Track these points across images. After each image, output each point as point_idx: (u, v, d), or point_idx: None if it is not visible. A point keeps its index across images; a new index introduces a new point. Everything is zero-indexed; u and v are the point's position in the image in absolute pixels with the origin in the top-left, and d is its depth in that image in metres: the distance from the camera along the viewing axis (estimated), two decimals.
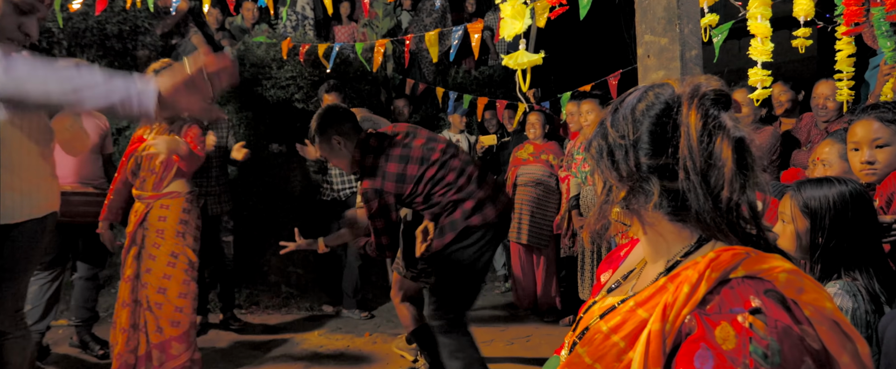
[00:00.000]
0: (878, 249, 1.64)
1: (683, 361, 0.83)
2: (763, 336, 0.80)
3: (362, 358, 3.82)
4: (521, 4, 2.00)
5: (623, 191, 0.96)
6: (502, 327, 4.48)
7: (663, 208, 0.94)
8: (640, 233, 1.00)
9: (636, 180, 0.94)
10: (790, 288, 0.85)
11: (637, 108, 0.95)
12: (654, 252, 0.99)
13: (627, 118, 0.95)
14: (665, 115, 0.93)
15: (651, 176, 0.93)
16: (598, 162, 0.99)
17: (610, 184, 0.98)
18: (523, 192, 4.68)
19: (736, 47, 5.97)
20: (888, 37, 2.70)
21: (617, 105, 0.99)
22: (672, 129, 0.92)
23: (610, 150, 0.97)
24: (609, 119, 0.98)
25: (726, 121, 0.91)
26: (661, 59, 1.60)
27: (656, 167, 0.93)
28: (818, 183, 1.64)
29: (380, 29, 6.67)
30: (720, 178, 0.89)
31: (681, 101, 0.93)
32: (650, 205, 0.93)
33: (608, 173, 0.97)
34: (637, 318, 0.92)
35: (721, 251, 0.89)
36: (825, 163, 2.23)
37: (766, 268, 0.86)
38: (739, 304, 0.83)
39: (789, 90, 3.83)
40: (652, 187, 0.93)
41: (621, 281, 1.08)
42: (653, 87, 0.98)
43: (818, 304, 0.84)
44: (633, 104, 0.96)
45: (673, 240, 0.96)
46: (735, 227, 0.91)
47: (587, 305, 1.09)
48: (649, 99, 0.95)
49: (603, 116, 1.03)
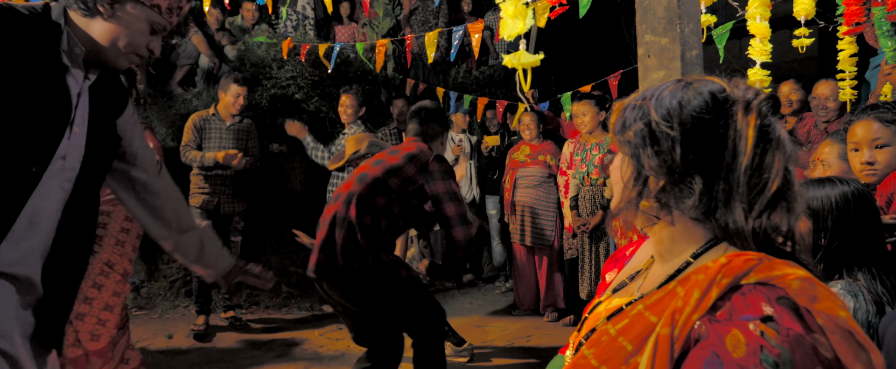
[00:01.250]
0: (880, 250, 1.64)
1: (692, 367, 0.82)
2: (774, 344, 0.78)
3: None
4: (523, 5, 2.00)
5: (661, 182, 0.92)
6: (503, 327, 4.48)
7: (697, 208, 0.91)
8: (657, 228, 0.97)
9: (678, 175, 0.90)
10: (803, 296, 0.82)
11: (686, 102, 0.91)
12: (667, 251, 0.97)
13: (675, 110, 0.91)
14: (718, 115, 0.90)
15: (696, 174, 0.90)
16: (638, 147, 0.93)
17: (645, 175, 0.93)
18: (523, 194, 4.68)
19: (736, 47, 5.96)
20: (889, 36, 2.70)
21: (656, 94, 0.94)
22: (723, 131, 0.89)
23: (654, 138, 0.92)
24: (652, 106, 0.93)
25: (781, 132, 0.89)
26: (662, 59, 1.59)
27: (701, 165, 0.90)
28: (820, 183, 1.64)
29: (380, 29, 6.67)
30: (764, 189, 0.88)
31: (736, 104, 0.90)
32: (689, 202, 0.90)
33: (649, 162, 0.92)
34: (645, 322, 0.90)
35: (733, 256, 0.87)
36: (825, 163, 2.23)
37: (778, 275, 0.84)
38: (751, 311, 0.82)
39: (799, 89, 3.82)
40: (694, 185, 0.90)
41: (627, 281, 1.07)
42: (700, 82, 0.94)
43: (832, 313, 0.82)
44: (680, 97, 0.92)
45: (688, 240, 0.95)
46: (757, 237, 0.89)
47: (592, 305, 1.08)
48: (701, 95, 0.91)
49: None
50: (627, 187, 0.95)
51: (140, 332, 4.27)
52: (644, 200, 0.94)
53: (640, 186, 0.94)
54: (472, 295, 5.39)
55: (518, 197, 4.72)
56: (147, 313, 4.79)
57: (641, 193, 0.94)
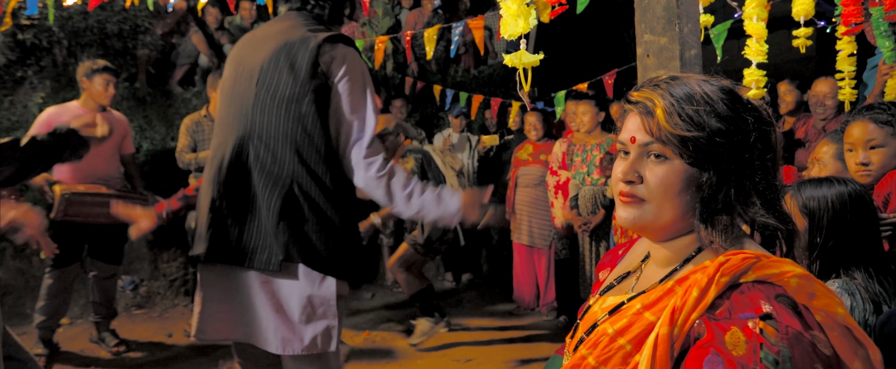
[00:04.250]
0: (878, 249, 1.65)
1: (692, 366, 0.82)
2: (774, 342, 0.79)
3: (361, 354, 3.83)
4: (524, 5, 2.00)
5: (718, 180, 0.91)
6: (502, 326, 4.49)
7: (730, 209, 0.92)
8: (665, 229, 0.96)
9: (737, 175, 0.90)
10: (801, 294, 0.84)
11: (732, 104, 0.91)
12: (672, 253, 0.97)
13: (726, 112, 0.90)
14: (762, 123, 0.92)
15: (751, 174, 0.91)
16: (708, 142, 0.90)
17: (709, 174, 0.90)
18: (524, 193, 4.70)
19: (735, 47, 5.97)
20: (887, 36, 2.71)
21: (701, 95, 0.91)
22: (759, 137, 0.91)
23: (723, 135, 0.90)
24: (705, 107, 0.91)
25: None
26: (661, 59, 1.60)
27: (751, 166, 0.91)
28: (818, 183, 1.64)
29: (379, 28, 6.67)
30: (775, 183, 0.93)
31: (770, 115, 0.93)
32: (746, 201, 0.91)
33: (718, 161, 0.90)
34: (644, 321, 0.91)
35: (731, 254, 0.88)
36: (820, 163, 2.24)
37: (776, 273, 0.85)
38: (750, 309, 0.82)
39: (795, 89, 3.83)
40: (747, 185, 0.91)
41: (615, 283, 1.07)
42: (737, 87, 0.95)
43: (830, 310, 0.83)
44: (727, 100, 0.91)
45: (687, 243, 0.96)
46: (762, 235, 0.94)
47: (585, 307, 1.08)
48: (746, 101, 0.93)
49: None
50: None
51: (140, 331, 4.27)
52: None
53: (712, 186, 0.93)
54: (470, 293, 5.40)
55: (518, 195, 4.74)
56: (147, 312, 4.79)
57: (718, 196, 0.93)
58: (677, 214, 0.92)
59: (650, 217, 0.93)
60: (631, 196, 0.93)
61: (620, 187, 0.95)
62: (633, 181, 0.93)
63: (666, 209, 0.92)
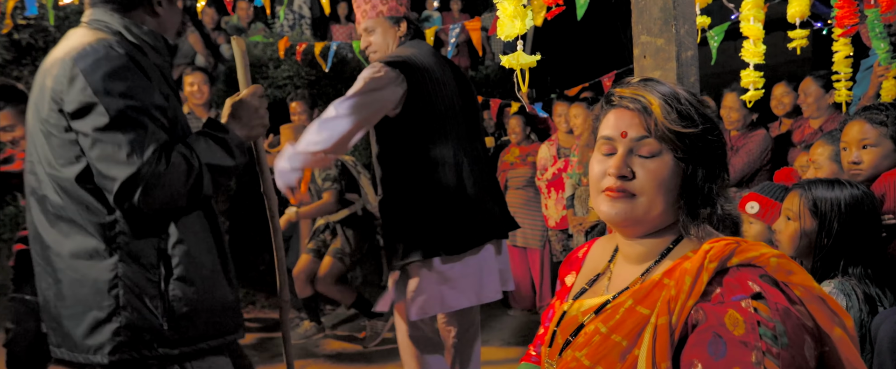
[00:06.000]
0: (877, 251, 1.66)
1: (696, 351, 0.84)
2: (768, 318, 0.83)
3: (360, 357, 3.83)
4: (520, 6, 2.00)
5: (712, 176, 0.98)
6: (499, 326, 4.49)
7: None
8: (652, 223, 0.98)
9: (719, 168, 0.97)
10: (781, 272, 0.88)
11: (700, 104, 0.98)
12: (647, 249, 0.99)
13: (703, 110, 0.97)
14: (719, 120, 1.01)
15: (724, 167, 0.99)
16: (699, 138, 0.95)
17: (696, 168, 0.95)
18: (514, 195, 4.71)
19: (732, 48, 5.99)
20: (882, 38, 2.72)
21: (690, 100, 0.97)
22: (720, 133, 0.99)
23: (708, 131, 0.96)
24: (689, 106, 0.96)
25: None
26: (658, 60, 1.60)
27: (723, 160, 0.99)
28: (830, 184, 1.64)
29: None
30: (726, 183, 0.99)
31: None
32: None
33: (703, 156, 0.95)
34: (638, 316, 0.92)
35: (713, 242, 0.92)
36: (816, 164, 2.25)
37: (756, 255, 0.89)
38: (740, 291, 0.86)
39: (791, 91, 3.84)
40: (724, 178, 0.98)
41: (587, 287, 1.07)
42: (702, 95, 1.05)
43: (807, 284, 0.88)
44: (696, 100, 0.98)
45: (662, 238, 0.98)
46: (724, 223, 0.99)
47: (557, 313, 1.08)
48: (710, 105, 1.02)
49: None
50: None
51: None
52: None
53: (717, 183, 1.00)
54: None
55: (508, 198, 4.73)
56: None
57: (717, 191, 1.01)
58: (664, 208, 0.95)
59: (641, 211, 0.95)
60: (621, 191, 0.94)
61: (609, 182, 0.95)
62: (625, 176, 0.94)
63: (657, 203, 0.94)
